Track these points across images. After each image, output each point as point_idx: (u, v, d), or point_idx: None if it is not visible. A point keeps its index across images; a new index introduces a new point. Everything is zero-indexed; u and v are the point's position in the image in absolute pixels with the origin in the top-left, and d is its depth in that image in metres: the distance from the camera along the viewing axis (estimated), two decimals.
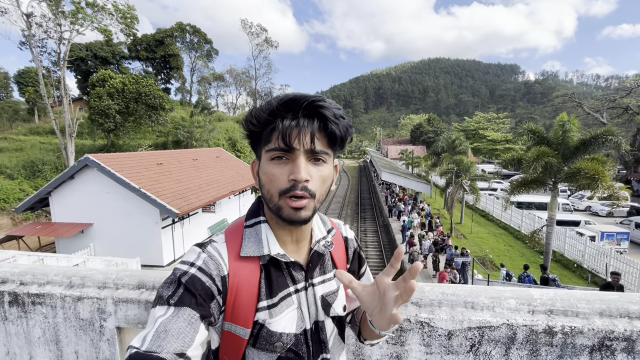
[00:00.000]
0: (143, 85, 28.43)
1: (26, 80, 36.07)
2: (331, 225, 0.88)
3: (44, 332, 1.33)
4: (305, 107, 0.64)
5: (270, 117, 0.66)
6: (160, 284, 0.65)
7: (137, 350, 0.54)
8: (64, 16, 23.97)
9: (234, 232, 0.75)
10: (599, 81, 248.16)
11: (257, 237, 0.73)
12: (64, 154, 24.38)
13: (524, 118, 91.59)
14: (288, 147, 0.64)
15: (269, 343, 0.70)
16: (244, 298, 0.69)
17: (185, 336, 0.57)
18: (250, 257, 0.72)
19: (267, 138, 0.67)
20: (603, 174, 10.41)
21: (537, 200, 21.75)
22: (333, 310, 0.80)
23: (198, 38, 47.75)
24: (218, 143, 32.78)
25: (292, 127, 0.64)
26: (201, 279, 0.64)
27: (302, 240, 0.78)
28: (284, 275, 0.74)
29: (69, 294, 1.29)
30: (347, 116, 0.71)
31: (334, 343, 0.81)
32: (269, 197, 0.68)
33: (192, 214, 15.29)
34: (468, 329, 1.07)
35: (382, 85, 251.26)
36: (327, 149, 0.69)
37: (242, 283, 0.69)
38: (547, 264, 12.15)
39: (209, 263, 0.67)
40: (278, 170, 0.66)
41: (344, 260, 0.89)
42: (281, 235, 0.75)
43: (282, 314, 0.71)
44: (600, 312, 1.06)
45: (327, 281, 0.81)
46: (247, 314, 0.69)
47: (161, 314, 0.59)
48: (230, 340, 0.70)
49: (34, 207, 14.48)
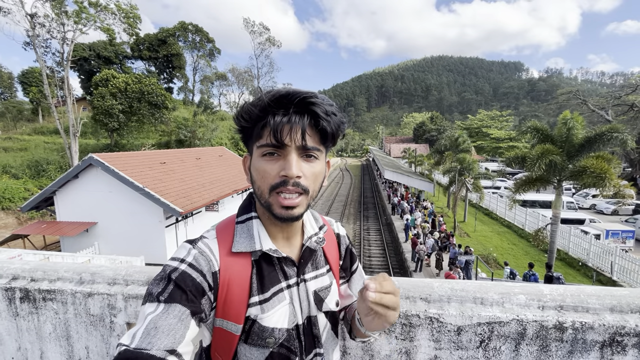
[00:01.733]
0: (146, 85, 28.54)
1: (30, 81, 36.32)
2: (323, 222, 0.89)
3: (55, 327, 1.35)
4: (297, 104, 0.64)
5: (261, 112, 0.65)
6: (150, 281, 0.65)
7: (127, 347, 0.54)
8: (67, 16, 24.08)
9: (225, 228, 0.76)
10: (603, 78, 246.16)
11: (248, 232, 0.73)
12: (68, 153, 24.54)
13: (528, 116, 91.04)
14: (279, 143, 0.64)
15: (261, 338, 0.69)
16: (235, 294, 0.68)
17: (175, 333, 0.56)
18: (241, 253, 0.71)
19: (259, 134, 0.67)
20: (609, 172, 10.32)
21: (541, 198, 21.61)
22: (326, 305, 0.80)
23: (200, 37, 47.81)
24: (221, 142, 32.89)
25: (284, 123, 0.63)
26: (192, 275, 0.64)
27: (294, 237, 0.79)
28: (276, 271, 0.74)
29: (79, 290, 1.30)
30: (349, 114, 0.71)
31: (327, 338, 0.82)
32: (260, 192, 0.68)
33: (195, 212, 15.35)
34: (477, 325, 1.07)
35: (384, 84, 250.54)
36: (319, 145, 0.68)
37: (233, 279, 0.69)
38: (552, 262, 12.08)
39: (200, 259, 0.67)
40: (269, 166, 0.66)
41: (336, 256, 0.89)
42: (273, 231, 0.75)
43: (274, 309, 0.71)
44: (611, 308, 1.05)
45: (320, 277, 0.81)
46: (239, 309, 0.68)
47: (151, 310, 0.58)
48: (221, 336, 0.70)
49: (39, 206, 14.58)
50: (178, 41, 44.75)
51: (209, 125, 32.56)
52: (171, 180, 14.88)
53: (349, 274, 0.94)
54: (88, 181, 13.67)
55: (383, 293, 0.61)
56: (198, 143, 30.59)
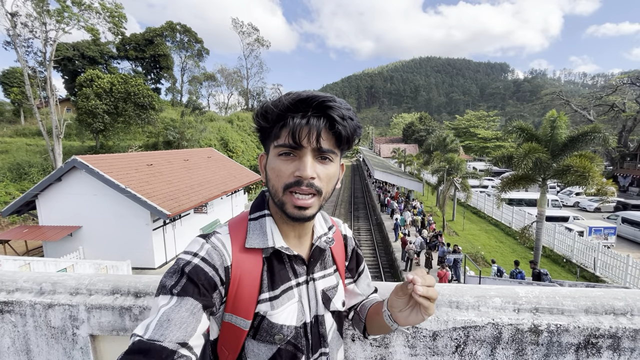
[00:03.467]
0: (132, 85, 28.00)
1: (11, 81, 35.12)
2: (332, 222, 0.91)
3: (14, 341, 1.27)
4: (315, 107, 0.66)
5: (281, 113, 0.67)
6: (164, 274, 0.65)
7: (140, 338, 0.55)
8: (49, 15, 23.45)
9: (238, 224, 0.77)
10: (585, 79, 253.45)
11: (261, 229, 0.75)
12: (52, 155, 23.89)
13: (514, 116, 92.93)
14: (296, 144, 0.66)
15: (269, 335, 0.71)
16: (245, 289, 0.70)
17: (187, 326, 0.58)
18: (253, 250, 0.73)
19: (277, 134, 0.69)
20: (592, 171, 10.59)
21: (527, 197, 22.05)
22: (333, 304, 0.82)
23: (188, 37, 47.22)
24: (210, 143, 32.45)
25: (302, 125, 0.65)
26: (204, 269, 0.65)
27: (305, 236, 0.81)
28: (286, 269, 0.75)
29: (39, 301, 1.23)
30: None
31: (333, 338, 0.83)
32: (274, 191, 0.70)
33: (183, 215, 15.12)
34: (453, 329, 1.05)
35: (374, 84, 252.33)
36: (335, 148, 0.70)
37: (244, 274, 0.70)
38: (537, 259, 12.32)
39: (213, 254, 0.68)
40: (285, 166, 0.68)
41: (343, 257, 0.91)
42: (284, 229, 0.77)
43: (283, 306, 0.72)
44: (586, 309, 1.04)
45: (327, 276, 0.83)
46: (249, 305, 0.70)
47: (164, 303, 0.60)
48: (230, 331, 0.71)
49: (21, 210, 14.16)
50: (166, 41, 44.08)
51: (197, 126, 32.11)
52: (158, 182, 14.62)
53: (356, 275, 0.96)
54: (72, 184, 13.32)
55: (427, 286, 0.63)
56: (186, 144, 30.14)
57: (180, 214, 14.42)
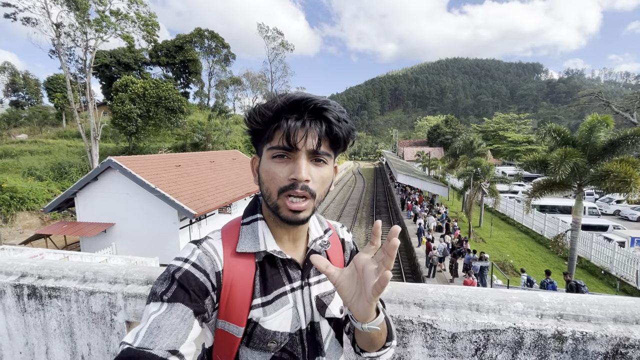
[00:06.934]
0: (163, 90, 29.34)
1: (55, 87, 38.01)
2: (328, 226, 0.87)
3: (60, 324, 1.39)
4: (312, 109, 0.64)
5: (274, 115, 0.66)
6: (155, 281, 0.65)
7: (130, 346, 0.54)
8: (89, 25, 25.09)
9: (231, 229, 0.75)
10: (628, 79, 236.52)
11: (253, 233, 0.73)
12: (89, 156, 25.44)
13: (548, 118, 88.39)
14: (291, 147, 0.64)
15: (263, 342, 0.69)
16: (238, 295, 0.68)
17: (178, 332, 0.57)
18: (245, 254, 0.71)
19: (270, 136, 0.67)
20: (635, 176, 9.88)
21: (561, 203, 20.89)
22: (329, 311, 0.78)
23: (216, 43, 48.86)
24: (235, 145, 33.37)
25: (297, 127, 0.64)
26: (195, 274, 0.64)
27: (299, 239, 0.78)
28: (280, 274, 0.73)
29: (82, 288, 1.35)
30: (363, 118, 0.70)
31: (331, 346, 0.79)
32: (268, 194, 0.68)
33: (208, 215, 15.58)
34: (473, 332, 1.04)
35: (398, 87, 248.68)
36: (329, 150, 0.69)
37: (236, 279, 0.68)
38: (572, 270, 11.63)
39: (203, 259, 0.67)
40: (279, 168, 0.66)
41: (341, 261, 0.87)
42: (278, 233, 0.74)
43: (277, 312, 0.70)
44: (615, 318, 1.00)
45: (323, 281, 0.79)
46: (241, 311, 0.68)
47: (154, 310, 0.59)
48: (223, 338, 0.69)
49: (61, 207, 15.13)
50: (194, 47, 45.85)
51: (223, 128, 33.10)
52: (186, 182, 15.19)
53: None
54: (107, 183, 14.10)
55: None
56: (212, 146, 31.12)
57: (206, 214, 14.87)
